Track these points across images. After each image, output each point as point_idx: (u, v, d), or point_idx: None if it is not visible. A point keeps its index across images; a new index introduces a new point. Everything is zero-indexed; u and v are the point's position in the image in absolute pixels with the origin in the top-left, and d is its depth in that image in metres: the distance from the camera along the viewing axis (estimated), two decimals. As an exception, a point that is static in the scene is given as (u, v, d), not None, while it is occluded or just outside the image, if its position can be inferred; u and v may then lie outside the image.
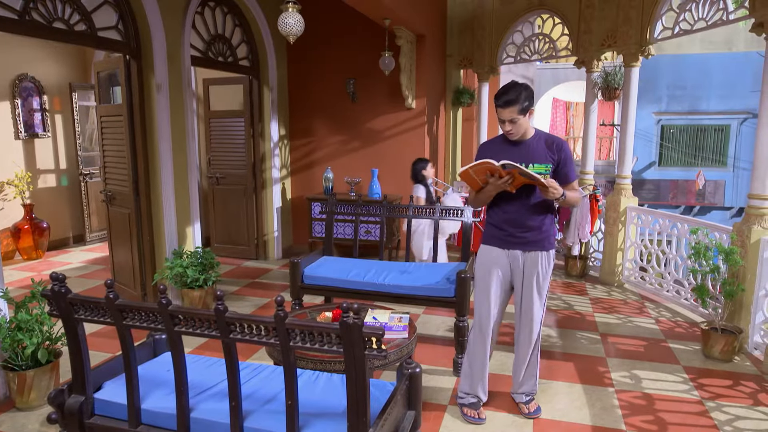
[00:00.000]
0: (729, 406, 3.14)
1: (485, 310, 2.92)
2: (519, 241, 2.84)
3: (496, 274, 2.89)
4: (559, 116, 17.11)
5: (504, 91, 2.69)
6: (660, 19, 4.95)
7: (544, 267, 2.87)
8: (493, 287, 2.90)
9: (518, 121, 2.71)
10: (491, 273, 2.90)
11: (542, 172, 2.72)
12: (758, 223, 3.83)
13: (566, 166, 2.79)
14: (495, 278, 2.90)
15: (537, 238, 2.84)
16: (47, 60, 6.91)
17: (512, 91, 2.67)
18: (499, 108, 2.70)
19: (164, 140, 4.54)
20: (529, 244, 2.84)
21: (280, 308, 1.76)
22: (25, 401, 3.04)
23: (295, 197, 6.82)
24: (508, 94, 2.67)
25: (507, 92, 2.67)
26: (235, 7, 5.70)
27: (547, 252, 2.87)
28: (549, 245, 2.88)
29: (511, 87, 2.70)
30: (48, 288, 2.02)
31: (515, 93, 2.66)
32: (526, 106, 2.69)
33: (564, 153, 2.78)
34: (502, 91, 2.69)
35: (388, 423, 1.95)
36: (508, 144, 2.83)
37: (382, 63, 5.68)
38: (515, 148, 2.80)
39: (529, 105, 2.70)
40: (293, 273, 3.81)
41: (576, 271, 5.82)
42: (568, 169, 2.79)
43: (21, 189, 6.39)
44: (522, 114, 2.69)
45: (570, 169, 2.80)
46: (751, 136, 13.13)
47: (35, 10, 3.60)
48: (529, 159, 2.76)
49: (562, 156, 2.77)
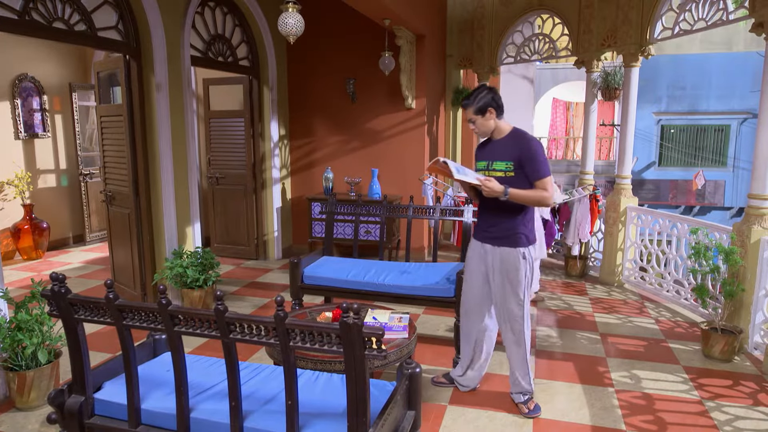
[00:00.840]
0: (729, 406, 3.14)
1: (466, 292, 3.13)
2: (489, 235, 2.97)
3: (475, 263, 3.06)
4: (559, 116, 17.11)
5: (467, 94, 2.91)
6: (660, 19, 4.95)
7: (514, 264, 2.90)
8: (473, 275, 3.07)
9: (476, 121, 2.88)
10: (470, 261, 3.10)
11: (502, 169, 2.86)
12: (758, 223, 3.83)
13: (529, 164, 2.81)
14: (474, 266, 3.07)
15: (505, 234, 2.90)
16: (47, 60, 6.91)
17: (472, 94, 2.88)
18: (462, 108, 2.96)
19: (164, 140, 4.54)
20: (498, 239, 2.92)
21: (280, 308, 1.76)
22: (25, 401, 3.04)
23: (294, 197, 6.82)
24: (468, 97, 2.89)
25: (468, 95, 2.90)
26: (235, 7, 5.70)
27: (516, 249, 2.89)
28: (521, 242, 2.90)
29: (474, 90, 2.91)
30: (48, 288, 2.02)
31: (473, 96, 2.87)
32: (482, 106, 2.84)
33: (526, 151, 2.81)
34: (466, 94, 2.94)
35: (388, 423, 1.95)
36: (487, 142, 3.01)
37: (382, 63, 5.68)
38: (489, 146, 2.98)
39: (488, 107, 2.84)
40: (293, 273, 3.81)
41: (576, 271, 5.82)
42: (530, 168, 2.81)
43: (21, 189, 6.39)
44: (478, 114, 2.86)
45: (534, 168, 2.81)
46: (751, 136, 13.14)
47: (35, 10, 3.59)
48: (493, 157, 2.91)
49: (524, 154, 2.81)
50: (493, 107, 2.85)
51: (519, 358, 3.04)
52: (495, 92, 2.87)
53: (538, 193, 2.81)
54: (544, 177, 2.81)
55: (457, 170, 2.75)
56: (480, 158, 2.99)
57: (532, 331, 4.27)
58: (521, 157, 2.81)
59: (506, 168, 2.84)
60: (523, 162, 2.81)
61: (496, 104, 2.86)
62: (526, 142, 2.84)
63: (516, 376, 3.07)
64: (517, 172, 2.83)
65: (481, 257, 3.01)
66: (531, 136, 2.91)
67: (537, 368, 3.62)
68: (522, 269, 2.90)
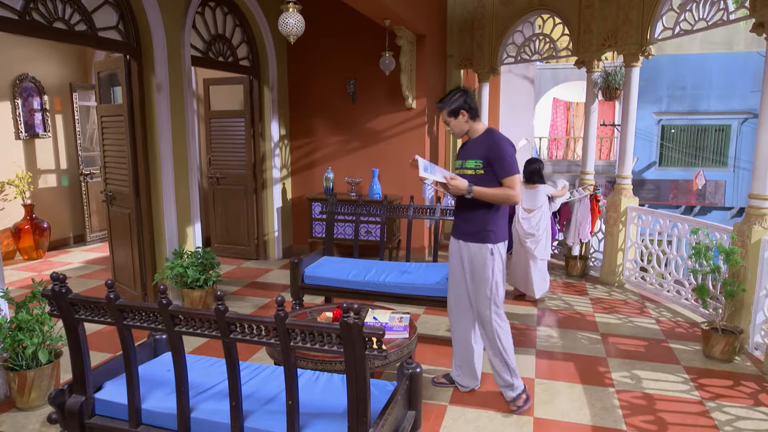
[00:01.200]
0: (729, 406, 3.14)
1: (449, 289, 3.21)
2: (460, 231, 3.06)
3: (454, 261, 3.14)
4: (560, 116, 17.11)
5: (442, 97, 3.01)
6: (660, 19, 4.95)
7: (481, 260, 2.95)
8: (454, 273, 3.15)
9: (450, 122, 3.00)
10: (451, 259, 3.18)
11: (472, 167, 2.95)
12: (759, 223, 3.83)
13: (497, 162, 2.89)
14: (454, 264, 3.15)
15: (474, 231, 2.97)
16: (48, 60, 6.91)
17: (445, 97, 2.99)
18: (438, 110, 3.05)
19: (164, 140, 4.54)
20: (468, 235, 3.00)
21: (281, 308, 1.76)
22: (25, 401, 3.04)
23: (295, 197, 6.82)
24: (441, 100, 3.00)
25: (443, 98, 3.00)
26: (235, 7, 5.71)
27: (483, 245, 2.94)
28: (488, 239, 2.95)
29: (448, 93, 3.02)
30: (48, 288, 2.02)
31: (447, 98, 2.98)
32: (455, 108, 2.94)
33: (495, 150, 2.90)
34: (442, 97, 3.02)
35: (389, 423, 1.95)
36: (466, 143, 3.11)
37: (382, 63, 5.68)
38: (466, 146, 3.09)
39: (460, 108, 2.94)
40: (293, 273, 3.81)
41: (576, 271, 5.82)
42: (498, 166, 2.88)
43: (21, 189, 6.39)
44: (452, 116, 2.97)
45: (501, 165, 2.88)
46: (752, 136, 13.13)
47: (35, 10, 3.60)
48: (466, 156, 3.03)
49: (492, 153, 2.90)
50: (465, 109, 2.95)
51: (492, 352, 3.07)
52: (468, 94, 2.97)
53: (503, 191, 2.88)
54: (510, 175, 2.88)
55: (425, 168, 2.81)
56: (457, 157, 3.11)
57: (533, 332, 4.27)
58: (490, 156, 2.90)
59: (476, 166, 2.94)
60: (492, 160, 2.89)
61: (468, 106, 2.95)
62: (496, 142, 2.92)
63: (494, 369, 3.10)
64: (486, 170, 2.91)
65: (458, 254, 3.09)
66: (502, 135, 2.99)
67: (538, 368, 3.62)
68: (489, 266, 2.94)
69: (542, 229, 4.87)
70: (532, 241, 4.85)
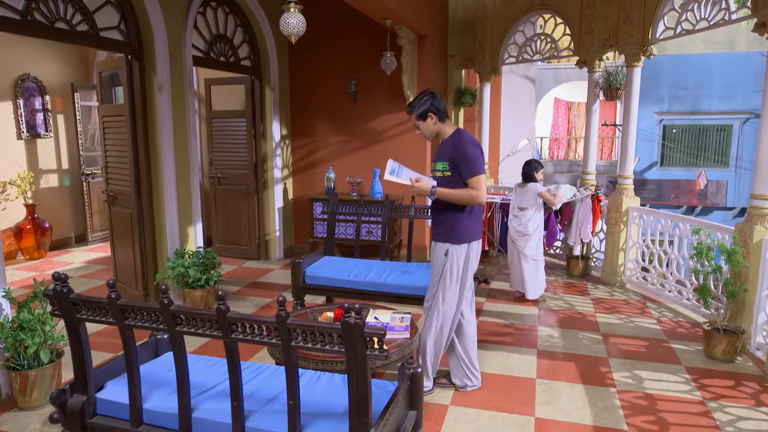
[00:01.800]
0: (731, 406, 3.13)
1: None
2: (433, 231, 3.13)
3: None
4: (561, 116, 17.10)
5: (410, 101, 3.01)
6: (662, 19, 4.94)
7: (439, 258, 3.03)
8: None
9: (420, 126, 3.04)
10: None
11: (440, 170, 3.01)
12: (761, 223, 3.82)
13: (462, 163, 2.93)
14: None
15: (440, 231, 3.06)
16: (49, 60, 6.92)
17: (414, 101, 3.03)
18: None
19: (166, 140, 4.54)
20: (436, 235, 3.09)
21: (282, 308, 1.76)
22: (27, 401, 3.05)
23: (296, 197, 6.82)
24: (410, 104, 3.03)
25: (411, 102, 3.03)
26: (236, 7, 5.71)
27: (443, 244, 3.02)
28: (449, 239, 3.01)
29: (416, 96, 3.04)
30: (50, 288, 2.02)
31: (414, 102, 3.02)
32: (423, 113, 2.98)
33: (460, 151, 2.95)
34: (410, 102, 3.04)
35: (390, 423, 1.95)
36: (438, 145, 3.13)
37: (383, 63, 5.68)
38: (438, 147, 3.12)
39: (428, 112, 2.98)
40: (295, 273, 3.82)
41: (577, 272, 5.81)
42: (463, 167, 2.93)
43: (23, 189, 6.40)
44: (420, 119, 3.01)
45: (465, 166, 2.92)
46: (754, 136, 13.11)
47: (37, 11, 3.60)
48: (436, 158, 3.09)
49: (457, 154, 2.95)
50: (433, 112, 2.98)
51: (424, 340, 3.14)
52: (435, 97, 3.01)
53: (466, 191, 2.93)
54: (474, 176, 2.92)
55: (391, 171, 2.89)
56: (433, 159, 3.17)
57: (533, 332, 4.27)
58: (455, 157, 2.95)
59: (443, 168, 3.00)
60: (457, 162, 2.94)
61: (436, 109, 2.99)
62: (461, 143, 2.96)
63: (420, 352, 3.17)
64: (453, 172, 2.96)
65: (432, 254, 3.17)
66: (468, 136, 3.03)
67: (539, 368, 3.61)
68: (440, 264, 3.02)
69: (531, 228, 4.93)
70: (522, 240, 4.95)
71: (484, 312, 4.74)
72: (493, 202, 6.33)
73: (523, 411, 3.06)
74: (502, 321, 4.51)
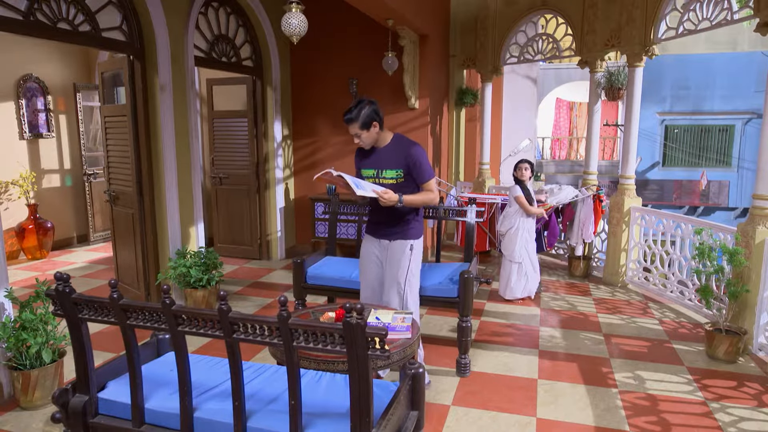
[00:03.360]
0: (733, 407, 3.13)
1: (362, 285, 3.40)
2: (382, 231, 3.20)
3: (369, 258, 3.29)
4: (563, 116, 17.09)
5: (348, 109, 2.99)
6: (664, 19, 4.94)
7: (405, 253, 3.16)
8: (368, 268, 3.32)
9: (362, 135, 3.02)
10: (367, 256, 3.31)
11: (393, 177, 3.07)
12: (763, 223, 3.82)
13: (415, 169, 3.04)
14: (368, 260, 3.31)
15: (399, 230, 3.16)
16: (51, 60, 6.93)
17: (354, 110, 2.96)
18: (345, 123, 3.02)
19: (168, 140, 4.55)
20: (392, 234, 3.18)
21: (284, 308, 1.76)
22: (29, 400, 3.05)
23: (298, 197, 6.82)
24: (350, 112, 2.97)
25: (350, 111, 2.98)
26: (238, 7, 5.71)
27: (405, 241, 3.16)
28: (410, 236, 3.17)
29: (354, 106, 2.98)
30: (52, 288, 2.03)
31: (356, 112, 2.95)
32: (367, 121, 2.97)
33: (412, 158, 3.03)
34: (347, 109, 3.00)
35: (391, 423, 1.95)
36: (371, 151, 3.15)
37: (385, 63, 5.68)
38: (373, 155, 3.14)
39: (371, 120, 2.98)
40: (296, 273, 3.82)
41: (579, 272, 5.81)
42: (416, 172, 3.05)
43: (25, 189, 6.41)
44: (364, 129, 2.99)
45: (419, 172, 3.04)
46: (756, 136, 13.08)
47: (39, 11, 3.61)
48: (382, 165, 3.10)
49: (411, 161, 3.03)
50: (376, 120, 3.02)
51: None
52: (375, 104, 3.03)
53: (425, 195, 3.09)
54: (428, 180, 3.08)
55: (357, 185, 2.85)
56: (366, 166, 3.15)
57: (535, 332, 4.27)
58: (408, 164, 3.04)
59: (396, 176, 3.07)
60: (410, 168, 3.04)
61: (379, 117, 3.03)
62: (412, 150, 3.05)
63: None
64: (406, 178, 3.07)
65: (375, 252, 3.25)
66: (413, 142, 3.12)
67: (540, 369, 3.61)
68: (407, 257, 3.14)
69: (507, 228, 5.02)
70: (503, 239, 5.08)
71: (486, 312, 4.74)
72: (494, 203, 6.32)
73: (524, 411, 3.06)
74: (503, 321, 4.51)
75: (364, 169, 3.17)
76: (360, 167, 3.18)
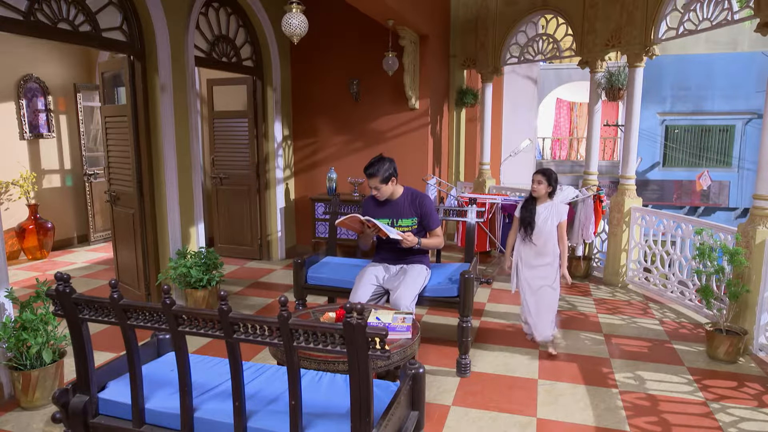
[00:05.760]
0: (733, 407, 3.13)
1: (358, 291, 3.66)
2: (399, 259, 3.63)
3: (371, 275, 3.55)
4: (563, 116, 17.09)
5: (370, 164, 3.45)
6: (664, 19, 4.93)
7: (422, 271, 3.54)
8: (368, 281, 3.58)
9: (381, 188, 3.48)
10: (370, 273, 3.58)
11: (409, 225, 3.57)
12: (763, 223, 3.81)
13: (426, 218, 3.58)
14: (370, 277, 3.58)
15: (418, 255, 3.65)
16: (52, 61, 6.94)
17: (375, 166, 3.43)
18: (366, 177, 3.48)
19: (168, 141, 4.55)
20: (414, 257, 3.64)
21: (284, 308, 1.76)
22: (29, 401, 3.05)
23: (298, 198, 6.82)
24: (372, 167, 3.43)
25: (371, 166, 3.43)
26: (238, 7, 5.71)
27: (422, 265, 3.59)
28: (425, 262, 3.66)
29: (375, 161, 3.45)
30: (53, 288, 2.03)
31: (377, 167, 3.42)
32: (387, 176, 3.45)
33: (424, 208, 3.57)
34: (369, 164, 3.46)
35: (392, 424, 1.95)
36: (383, 203, 3.61)
37: (385, 63, 5.68)
38: (387, 206, 3.60)
39: (391, 175, 3.47)
40: (297, 273, 3.81)
41: (580, 272, 5.80)
42: (427, 221, 3.59)
43: (26, 189, 6.42)
44: (384, 183, 3.46)
45: (430, 220, 3.59)
46: (756, 136, 13.07)
47: (40, 11, 3.61)
48: (398, 215, 3.57)
49: (423, 211, 3.57)
50: (395, 176, 3.51)
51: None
52: (392, 162, 3.50)
53: (436, 239, 3.66)
54: (438, 226, 3.65)
55: (389, 230, 3.30)
56: (381, 215, 3.56)
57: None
58: (421, 215, 3.58)
59: (412, 224, 3.58)
60: (423, 218, 3.58)
61: (395, 172, 3.51)
62: (423, 201, 3.59)
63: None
64: (419, 226, 3.60)
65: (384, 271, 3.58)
66: (424, 194, 3.66)
67: (541, 369, 3.61)
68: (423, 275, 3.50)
69: None
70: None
71: (486, 312, 4.74)
72: (494, 203, 6.32)
73: (525, 411, 3.06)
74: (503, 321, 4.51)
75: (379, 218, 3.49)
76: (374, 216, 3.49)
